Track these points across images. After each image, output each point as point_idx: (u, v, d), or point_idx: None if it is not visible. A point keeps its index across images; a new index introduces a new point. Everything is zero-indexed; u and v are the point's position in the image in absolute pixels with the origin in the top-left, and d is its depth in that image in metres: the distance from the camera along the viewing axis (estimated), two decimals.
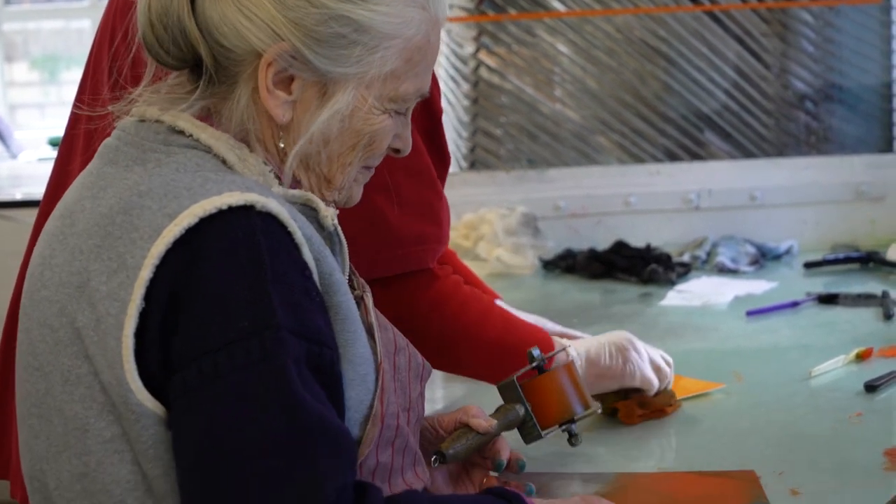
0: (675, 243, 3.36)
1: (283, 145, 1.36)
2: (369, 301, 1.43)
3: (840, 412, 2.01)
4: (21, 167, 4.55)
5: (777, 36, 3.61)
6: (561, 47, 3.60)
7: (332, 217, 1.36)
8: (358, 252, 1.47)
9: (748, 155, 3.63)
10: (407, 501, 1.26)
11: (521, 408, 1.64)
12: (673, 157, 3.61)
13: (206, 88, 1.34)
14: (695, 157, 3.62)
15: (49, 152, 4.59)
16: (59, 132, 4.59)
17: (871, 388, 2.09)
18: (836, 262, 3.15)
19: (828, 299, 2.77)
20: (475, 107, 3.62)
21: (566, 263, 3.23)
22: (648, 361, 1.98)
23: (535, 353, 1.68)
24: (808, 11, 3.60)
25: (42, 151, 4.64)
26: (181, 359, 1.20)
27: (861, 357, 2.28)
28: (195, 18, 1.31)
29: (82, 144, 1.90)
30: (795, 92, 3.65)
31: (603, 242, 3.29)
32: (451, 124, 3.60)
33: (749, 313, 2.70)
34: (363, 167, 1.42)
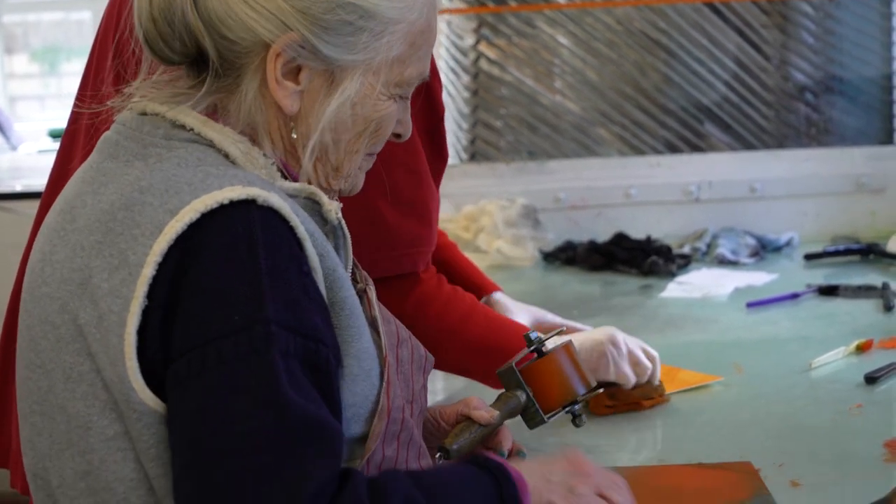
0: (676, 235, 3.36)
1: (296, 136, 1.35)
2: (372, 294, 1.43)
3: (840, 404, 2.01)
4: (21, 159, 4.54)
5: (777, 27, 3.61)
6: (561, 39, 3.60)
7: (335, 211, 1.35)
8: (356, 252, 1.46)
9: (748, 147, 3.63)
10: (388, 481, 1.23)
11: (521, 394, 1.62)
12: (673, 149, 3.61)
13: (212, 83, 1.33)
14: (695, 148, 3.62)
15: (49, 144, 4.58)
16: (59, 124, 4.61)
17: (871, 379, 2.09)
18: (836, 253, 3.15)
19: (828, 291, 2.77)
20: (475, 98, 3.62)
21: (566, 255, 3.23)
22: (627, 357, 2.00)
23: (533, 335, 1.66)
24: (808, 3, 3.60)
25: (42, 143, 4.64)
26: (176, 352, 1.20)
27: (861, 349, 2.28)
28: (197, 12, 1.31)
29: (84, 137, 1.89)
30: (796, 84, 3.65)
31: (603, 234, 3.29)
32: (452, 116, 3.60)
33: (749, 305, 2.70)
34: (367, 154, 1.42)
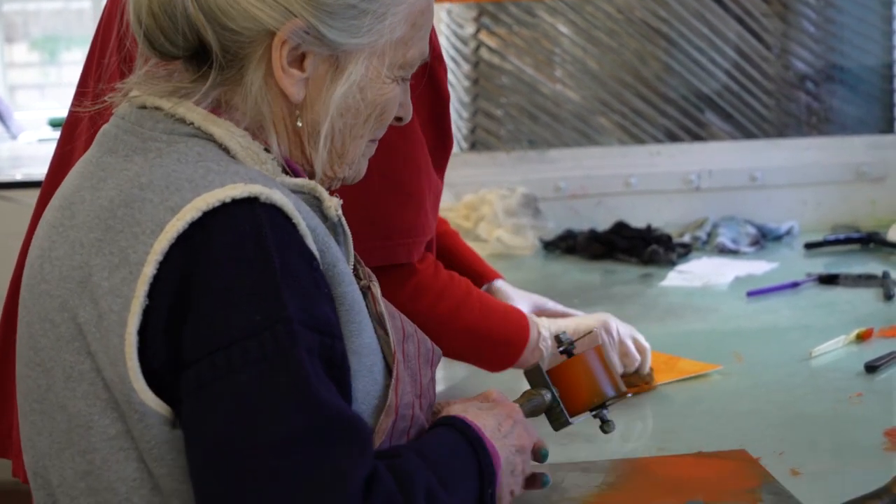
0: (676, 224, 3.36)
1: (301, 124, 1.34)
2: (376, 290, 1.41)
3: (840, 392, 2.01)
4: (21, 148, 4.55)
5: (778, 16, 3.60)
6: (561, 28, 3.60)
7: (335, 207, 1.34)
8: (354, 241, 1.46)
9: (749, 136, 3.63)
10: (405, 467, 1.24)
11: (547, 393, 1.57)
12: (673, 138, 3.61)
13: (216, 76, 1.31)
14: (695, 137, 3.62)
15: (49, 133, 4.58)
16: (58, 113, 4.62)
17: (872, 368, 2.10)
18: (836, 242, 3.15)
19: (828, 280, 2.77)
20: (475, 87, 3.62)
21: (566, 244, 3.23)
22: (618, 345, 2.01)
23: (563, 336, 1.62)
24: None
25: (42, 132, 4.64)
26: (192, 355, 1.18)
27: (861, 337, 2.28)
28: (198, 4, 1.29)
29: (86, 126, 1.88)
30: (796, 72, 3.65)
31: (603, 223, 3.29)
32: (452, 105, 3.59)
33: (749, 294, 2.70)
34: (370, 140, 1.42)
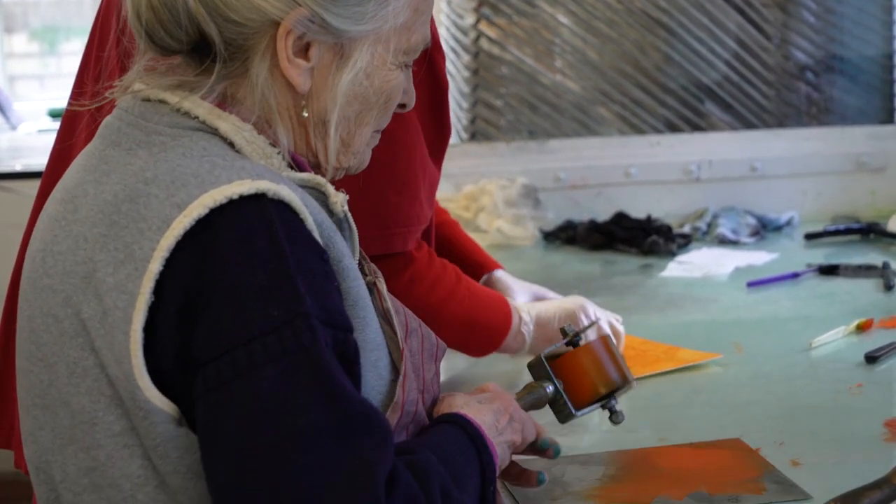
0: (676, 214, 3.35)
1: (308, 114, 1.34)
2: (382, 286, 1.41)
3: (840, 383, 2.01)
4: (21, 139, 4.54)
5: (778, 6, 3.60)
6: (561, 18, 3.59)
7: (341, 203, 1.33)
8: None
9: (749, 126, 3.62)
10: (422, 463, 1.24)
11: (549, 386, 1.56)
12: (673, 129, 3.60)
13: (220, 69, 1.30)
14: (695, 128, 3.61)
15: (49, 124, 4.58)
16: (58, 104, 4.61)
17: (872, 359, 2.10)
18: (836, 233, 3.15)
19: (828, 270, 2.77)
20: (475, 78, 3.61)
21: (566, 235, 3.22)
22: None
23: (568, 328, 1.60)
24: None
25: (42, 123, 4.63)
26: (208, 354, 1.16)
27: (861, 328, 2.28)
28: None
29: (86, 118, 1.88)
30: (796, 63, 3.64)
31: (603, 214, 3.28)
32: (452, 95, 3.59)
33: (749, 284, 2.70)
34: (374, 130, 1.41)
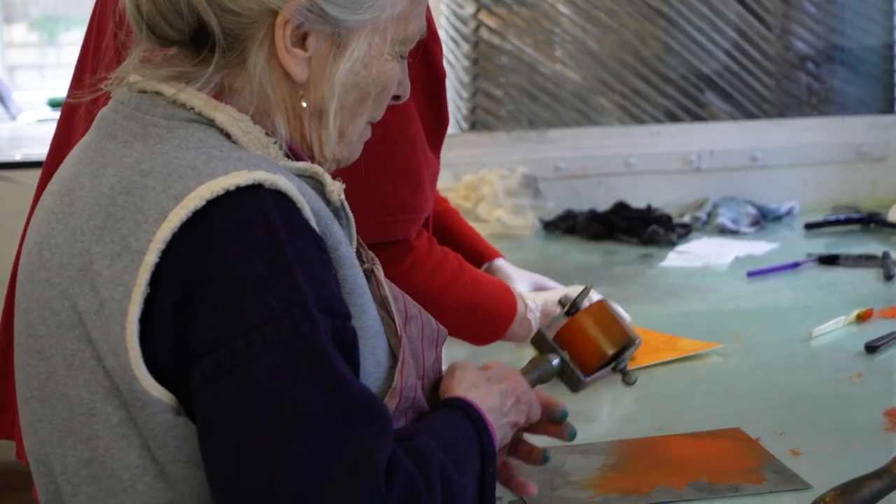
0: (676, 204, 3.35)
1: (305, 104, 1.33)
2: (380, 273, 1.41)
3: (840, 373, 2.01)
4: (20, 128, 4.54)
5: None
6: (561, 8, 3.59)
7: (338, 191, 1.33)
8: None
9: (749, 116, 3.62)
10: (422, 450, 1.24)
11: (554, 358, 1.57)
12: (673, 118, 3.60)
13: (219, 59, 1.29)
14: (695, 117, 3.61)
15: (48, 113, 4.58)
16: (58, 93, 4.61)
17: (872, 348, 2.10)
18: (836, 223, 3.15)
19: (828, 260, 2.77)
20: (475, 68, 3.61)
21: (567, 224, 3.22)
22: None
23: (565, 298, 1.62)
24: None
25: (41, 113, 4.63)
26: (206, 345, 1.16)
27: (861, 318, 2.28)
28: None
29: (85, 108, 1.87)
30: (797, 53, 3.64)
31: (603, 203, 3.29)
32: (452, 85, 3.59)
33: (749, 274, 2.70)
34: (367, 123, 1.41)
